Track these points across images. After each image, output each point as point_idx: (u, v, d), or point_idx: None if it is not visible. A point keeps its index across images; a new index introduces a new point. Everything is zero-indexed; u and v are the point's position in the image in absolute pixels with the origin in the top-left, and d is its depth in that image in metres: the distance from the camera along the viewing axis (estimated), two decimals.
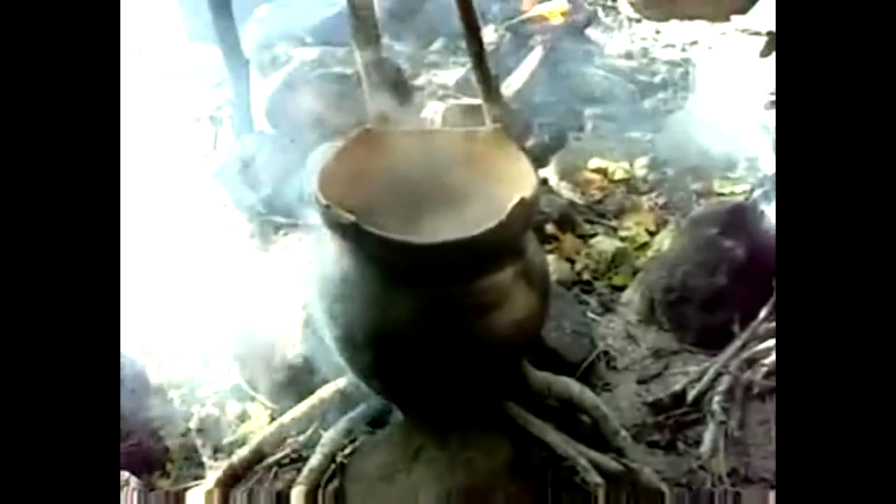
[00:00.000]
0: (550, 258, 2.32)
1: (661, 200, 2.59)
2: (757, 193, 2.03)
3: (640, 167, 2.71)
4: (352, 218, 1.33)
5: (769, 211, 1.96)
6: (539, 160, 2.79)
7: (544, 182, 2.70)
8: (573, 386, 1.77)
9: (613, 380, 2.00)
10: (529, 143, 2.78)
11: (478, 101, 2.39)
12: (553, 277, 2.22)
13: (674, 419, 1.87)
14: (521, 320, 1.52)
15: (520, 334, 1.54)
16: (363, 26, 2.19)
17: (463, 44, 2.00)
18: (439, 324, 1.42)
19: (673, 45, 3.83)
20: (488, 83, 2.31)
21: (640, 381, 1.99)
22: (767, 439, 1.80)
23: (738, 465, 1.77)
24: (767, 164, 2.10)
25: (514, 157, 1.57)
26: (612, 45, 3.91)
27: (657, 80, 3.44)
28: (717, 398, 1.82)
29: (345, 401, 1.78)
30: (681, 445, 1.84)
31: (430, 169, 1.60)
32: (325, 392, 1.80)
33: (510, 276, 1.46)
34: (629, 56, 3.72)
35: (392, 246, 1.34)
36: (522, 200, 1.36)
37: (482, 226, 1.34)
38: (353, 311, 1.44)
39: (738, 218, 2.00)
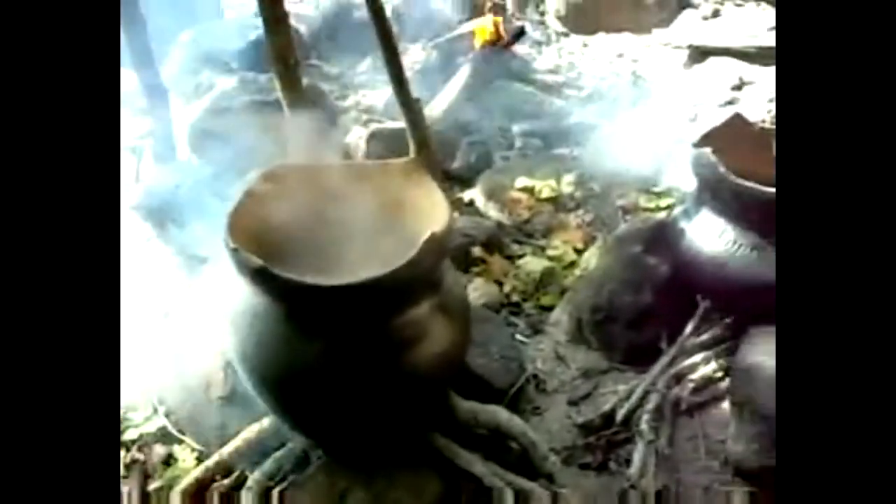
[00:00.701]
0: (478, 281, 2.32)
1: (588, 217, 2.62)
2: (678, 210, 2.05)
3: (566, 184, 2.73)
4: (259, 262, 1.30)
5: (691, 228, 1.98)
6: (466, 181, 2.80)
7: (470, 203, 2.71)
8: (501, 413, 1.76)
9: (544, 403, 2.00)
10: (456, 164, 2.78)
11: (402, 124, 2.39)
12: (480, 301, 2.23)
13: (605, 439, 1.87)
14: (442, 353, 1.50)
15: (441, 367, 1.53)
16: (278, 48, 2.16)
17: None
18: (354, 363, 1.39)
19: (599, 59, 3.90)
20: (410, 106, 2.31)
21: (571, 403, 1.99)
22: (697, 455, 1.82)
23: (669, 482, 1.78)
24: (689, 180, 2.14)
25: (427, 189, 1.56)
26: (540, 60, 3.96)
27: (584, 94, 3.49)
28: (645, 417, 1.83)
29: (270, 440, 1.74)
30: (612, 465, 1.85)
31: (343, 204, 1.58)
32: (250, 432, 1.75)
33: (427, 311, 1.45)
34: (557, 70, 3.76)
35: (301, 290, 1.31)
36: (433, 236, 1.35)
37: (397, 261, 1.32)
38: (263, 353, 1.41)
39: (660, 235, 2.02)
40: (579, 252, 2.46)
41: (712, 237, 1.78)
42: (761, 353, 1.75)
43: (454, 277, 1.59)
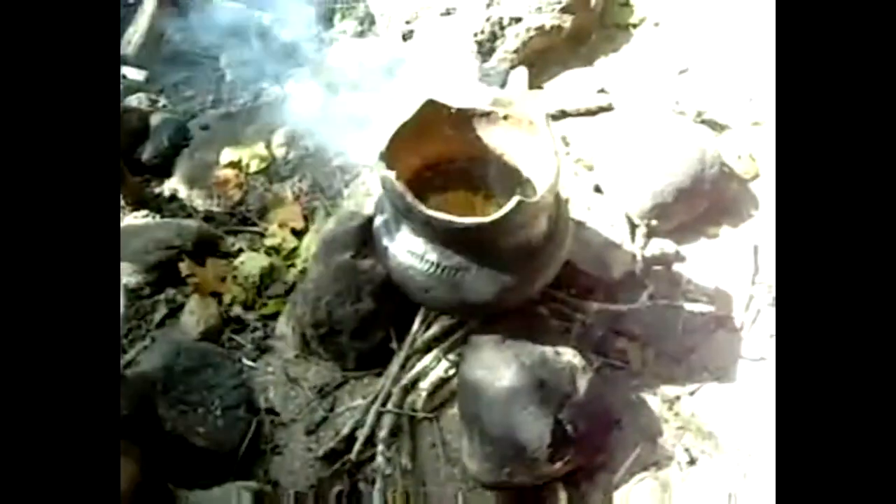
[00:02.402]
0: (192, 302, 2.08)
1: (305, 185, 2.38)
2: (379, 221, 1.85)
3: (277, 146, 2.44)
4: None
5: (394, 246, 1.82)
6: (162, 169, 2.43)
7: (173, 198, 2.36)
8: None
9: (282, 438, 1.90)
10: (146, 154, 2.38)
11: None
12: (199, 330, 2.02)
13: (349, 463, 1.82)
14: None
15: None
16: None
17: None
18: None
19: None
20: None
21: (308, 432, 1.90)
22: (440, 463, 1.83)
23: (416, 496, 1.79)
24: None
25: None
26: None
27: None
28: (380, 448, 1.79)
29: None
30: (363, 486, 1.82)
31: None
32: None
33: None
34: None
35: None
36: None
37: None
38: None
39: (370, 236, 1.86)
40: (299, 234, 2.25)
41: (414, 260, 1.66)
42: (485, 365, 1.73)
43: None
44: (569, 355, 1.74)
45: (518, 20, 2.66)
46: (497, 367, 1.70)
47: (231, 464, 1.79)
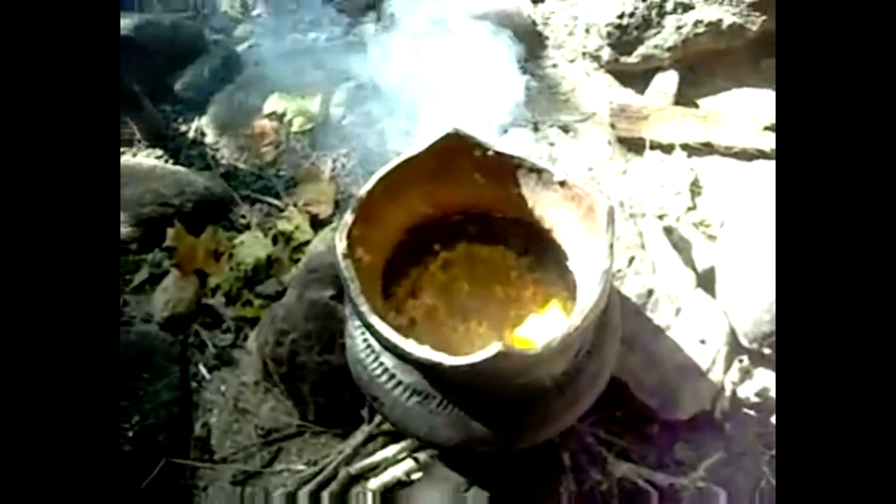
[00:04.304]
0: (169, 279, 1.75)
1: (350, 162, 1.94)
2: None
3: (336, 105, 2.00)
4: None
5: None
6: (197, 105, 2.06)
7: (195, 143, 1.99)
8: None
9: (206, 477, 1.57)
10: (183, 81, 2.01)
11: None
12: (165, 312, 1.71)
13: None
14: None
15: None
16: None
17: None
18: None
19: None
20: None
21: (235, 481, 1.56)
22: None
23: None
24: None
25: None
26: None
27: None
28: None
29: None
30: None
31: None
32: None
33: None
34: None
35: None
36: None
37: None
38: None
39: None
40: (320, 225, 1.84)
41: (370, 359, 1.20)
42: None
43: None
44: None
45: (688, 7, 1.97)
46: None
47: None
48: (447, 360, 1.01)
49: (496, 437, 1.17)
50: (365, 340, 1.22)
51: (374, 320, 1.05)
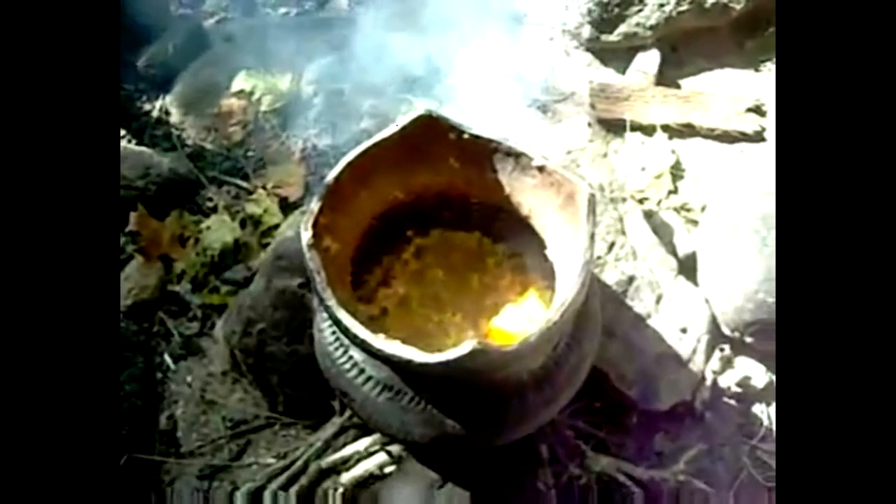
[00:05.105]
0: (132, 266, 1.68)
1: (322, 142, 1.86)
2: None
3: (307, 82, 1.92)
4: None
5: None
6: (163, 83, 1.96)
7: (160, 122, 1.90)
8: None
9: (172, 472, 1.51)
10: (143, 59, 1.91)
11: None
12: (128, 301, 1.64)
13: None
14: None
15: None
16: None
17: None
18: None
19: None
20: None
21: (202, 476, 1.51)
22: None
23: None
24: None
25: None
26: None
27: None
28: None
29: None
30: None
31: None
32: None
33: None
34: None
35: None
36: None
37: None
38: None
39: None
40: (291, 207, 1.77)
41: (338, 353, 1.15)
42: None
43: None
44: None
45: None
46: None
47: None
48: (419, 356, 0.96)
49: (471, 435, 1.12)
50: (333, 333, 1.16)
51: (342, 315, 0.99)
